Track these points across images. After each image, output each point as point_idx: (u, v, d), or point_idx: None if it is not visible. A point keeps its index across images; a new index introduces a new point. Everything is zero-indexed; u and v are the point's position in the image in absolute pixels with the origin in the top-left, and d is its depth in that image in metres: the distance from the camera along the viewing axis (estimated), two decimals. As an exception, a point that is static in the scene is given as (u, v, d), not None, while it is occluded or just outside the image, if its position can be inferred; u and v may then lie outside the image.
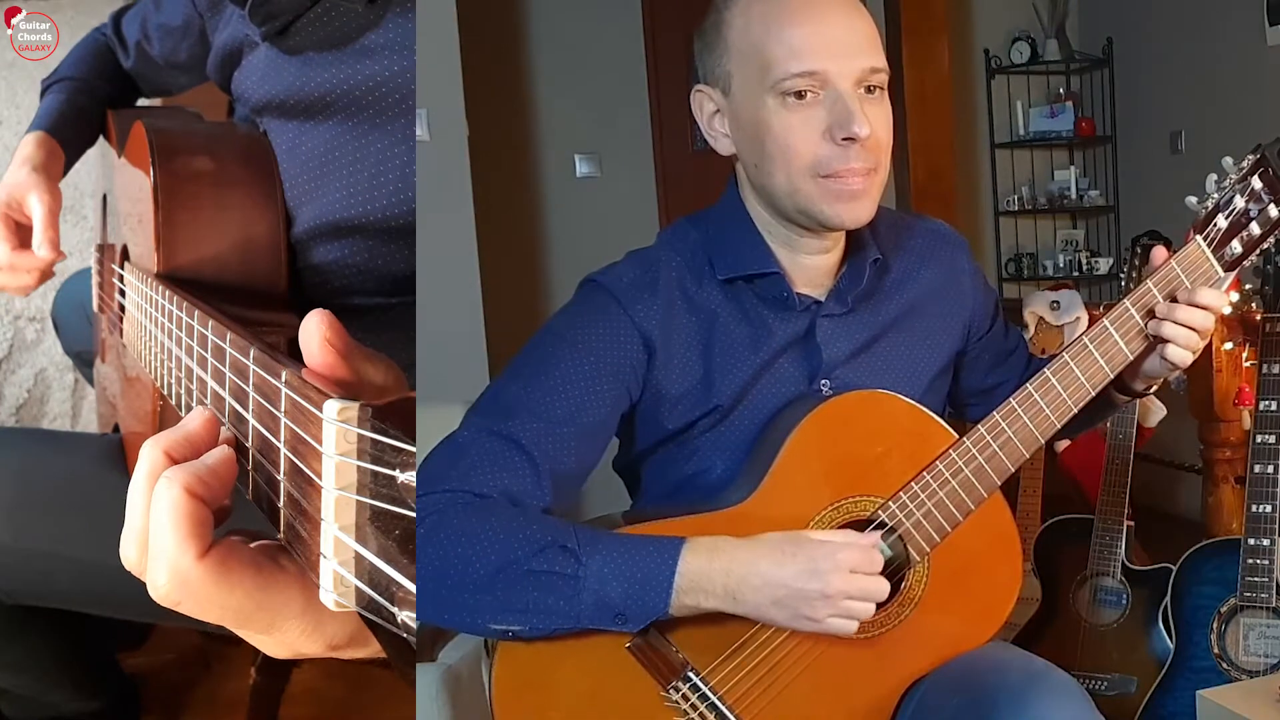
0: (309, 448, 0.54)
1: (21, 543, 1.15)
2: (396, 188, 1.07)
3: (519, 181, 3.84)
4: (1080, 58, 4.22)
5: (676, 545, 0.97)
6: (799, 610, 0.96)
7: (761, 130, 1.03)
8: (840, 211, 1.03)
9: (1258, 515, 1.61)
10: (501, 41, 3.77)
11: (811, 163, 1.02)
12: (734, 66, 1.05)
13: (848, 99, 1.00)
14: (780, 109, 1.01)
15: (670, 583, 0.96)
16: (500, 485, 1.01)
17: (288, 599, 0.58)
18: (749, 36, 1.03)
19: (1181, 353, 1.07)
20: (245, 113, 1.21)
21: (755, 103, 1.03)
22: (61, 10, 1.84)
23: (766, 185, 1.06)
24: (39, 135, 1.37)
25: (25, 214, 1.27)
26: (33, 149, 1.34)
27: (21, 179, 1.29)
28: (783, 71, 1.00)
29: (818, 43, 1.00)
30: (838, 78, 1.00)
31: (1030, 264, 4.32)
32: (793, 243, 1.09)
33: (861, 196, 1.03)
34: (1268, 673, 1.61)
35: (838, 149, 1.01)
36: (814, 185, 1.02)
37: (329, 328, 0.60)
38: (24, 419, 2.47)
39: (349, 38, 1.07)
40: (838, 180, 1.02)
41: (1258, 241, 1.07)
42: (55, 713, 1.50)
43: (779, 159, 1.03)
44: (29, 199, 1.26)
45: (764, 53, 1.01)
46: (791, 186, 1.04)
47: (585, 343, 1.06)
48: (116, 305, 1.23)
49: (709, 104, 1.09)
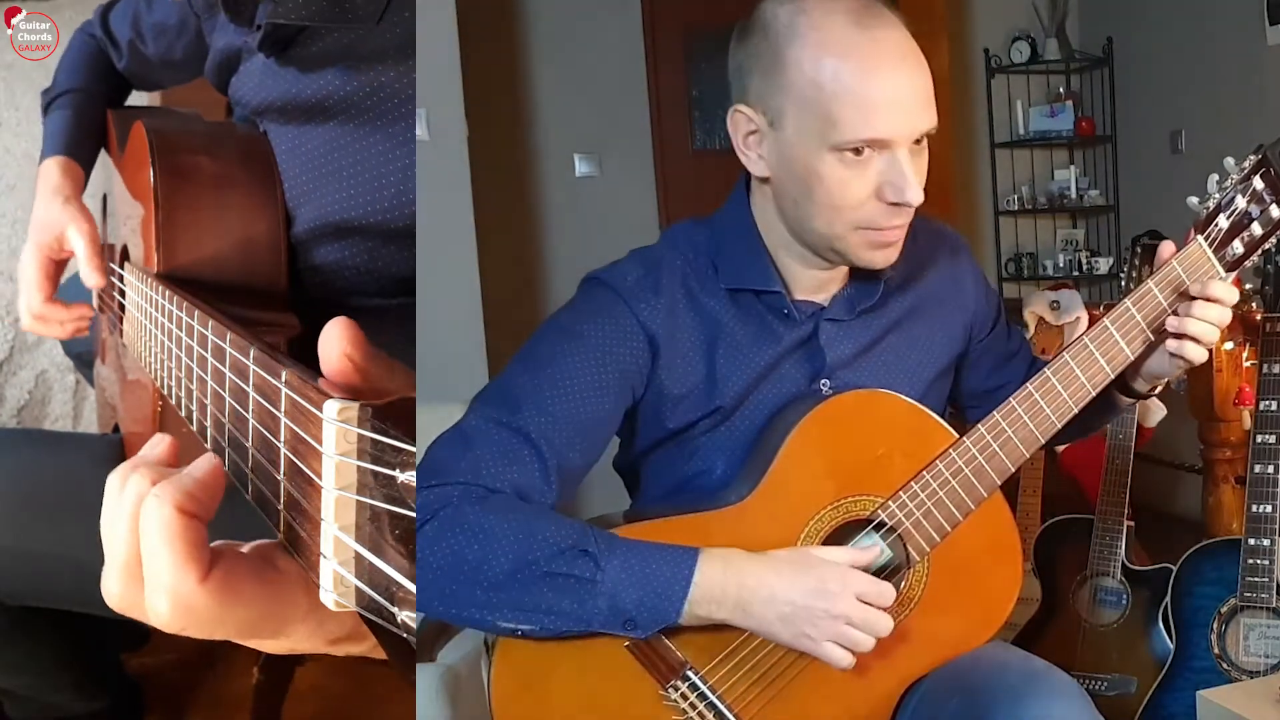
0: (309, 448, 0.54)
1: (23, 544, 1.16)
2: (397, 189, 1.07)
3: (519, 181, 3.84)
4: (1080, 57, 4.22)
5: (692, 555, 0.97)
6: (801, 628, 0.97)
7: (812, 178, 1.02)
8: (875, 258, 1.05)
9: (1258, 515, 1.61)
10: (501, 41, 3.77)
11: (857, 218, 1.02)
12: (790, 106, 1.01)
13: (904, 164, 1.00)
14: (837, 164, 1.00)
15: (685, 593, 0.96)
16: (510, 479, 1.01)
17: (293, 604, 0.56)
18: (815, 86, 0.99)
19: (1201, 351, 1.06)
20: (244, 114, 1.21)
21: (809, 150, 1.01)
22: (61, 10, 1.84)
23: (804, 224, 1.05)
24: (61, 161, 1.36)
25: (66, 249, 1.27)
26: (59, 178, 1.33)
27: (55, 215, 1.28)
28: (850, 134, 0.98)
29: (888, 109, 0.98)
30: (898, 142, 1.00)
31: (1030, 264, 4.32)
32: (807, 260, 1.10)
33: (896, 244, 1.05)
34: (1268, 673, 1.61)
35: (885, 209, 1.01)
36: (855, 235, 1.03)
37: (350, 342, 0.57)
38: (25, 420, 2.47)
39: (350, 47, 1.06)
40: (879, 234, 1.03)
41: (1259, 242, 1.07)
42: (58, 714, 1.50)
43: (825, 207, 1.02)
44: (69, 233, 1.26)
45: (830, 109, 0.98)
46: (832, 233, 1.04)
47: (591, 339, 1.06)
48: (116, 305, 1.23)
49: (748, 124, 1.05)
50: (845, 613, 0.96)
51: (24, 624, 1.29)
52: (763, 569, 0.98)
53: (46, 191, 1.31)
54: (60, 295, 1.70)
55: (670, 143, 3.93)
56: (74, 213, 1.28)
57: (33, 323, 1.31)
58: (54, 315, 1.29)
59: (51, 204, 1.29)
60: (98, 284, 1.24)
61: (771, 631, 0.99)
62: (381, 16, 1.03)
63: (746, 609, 0.97)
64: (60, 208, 1.28)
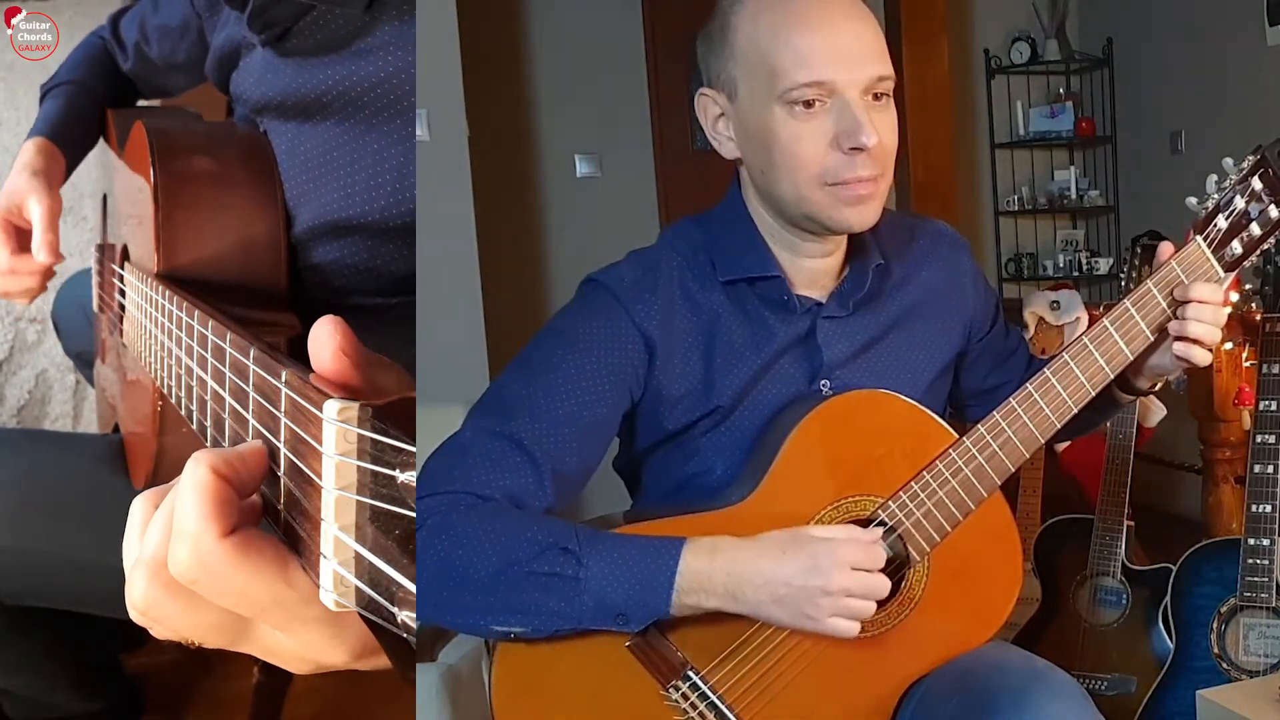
0: (309, 448, 0.54)
1: (23, 544, 1.16)
2: (396, 187, 1.07)
3: (519, 181, 3.84)
4: (1080, 58, 4.23)
5: (677, 545, 0.97)
6: (800, 608, 0.96)
7: (768, 138, 1.03)
8: (848, 216, 1.04)
9: (1258, 515, 1.61)
10: (501, 41, 3.77)
11: (819, 172, 1.02)
12: (740, 73, 1.04)
13: (855, 108, 1.00)
14: (788, 118, 1.01)
15: (671, 583, 0.96)
16: (502, 486, 1.01)
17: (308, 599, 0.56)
18: (756, 44, 1.02)
19: (1205, 353, 1.07)
20: (244, 113, 1.21)
21: (762, 111, 1.03)
22: (61, 10, 1.84)
23: (773, 191, 1.06)
24: (39, 141, 1.37)
25: (25, 219, 1.27)
26: (32, 155, 1.34)
27: (21, 184, 1.29)
28: (790, 81, 1.00)
29: (826, 52, 1.00)
30: (845, 87, 1.00)
31: (1030, 264, 4.33)
32: (795, 246, 1.10)
33: (868, 200, 1.03)
34: (1268, 673, 1.61)
35: (845, 158, 1.01)
36: (821, 193, 1.03)
37: (342, 336, 0.58)
38: (25, 420, 2.47)
39: (347, 40, 1.07)
40: (845, 188, 1.02)
41: (1258, 242, 1.07)
42: (57, 713, 1.50)
43: (786, 168, 1.03)
44: (28, 203, 1.26)
45: (771, 61, 1.01)
46: (799, 194, 1.04)
47: (587, 342, 1.06)
48: (116, 305, 1.23)
49: (713, 108, 1.08)
50: (843, 586, 0.96)
51: (24, 624, 1.29)
52: (751, 554, 0.97)
53: (17, 165, 1.33)
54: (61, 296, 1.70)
55: (670, 143, 3.94)
56: (38, 185, 1.28)
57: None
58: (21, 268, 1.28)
59: (19, 176, 1.30)
60: (47, 260, 1.24)
61: (768, 615, 0.98)
62: (370, 3, 1.03)
63: (737, 595, 0.97)
64: (26, 179, 1.29)
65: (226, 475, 0.56)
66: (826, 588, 0.95)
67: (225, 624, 0.59)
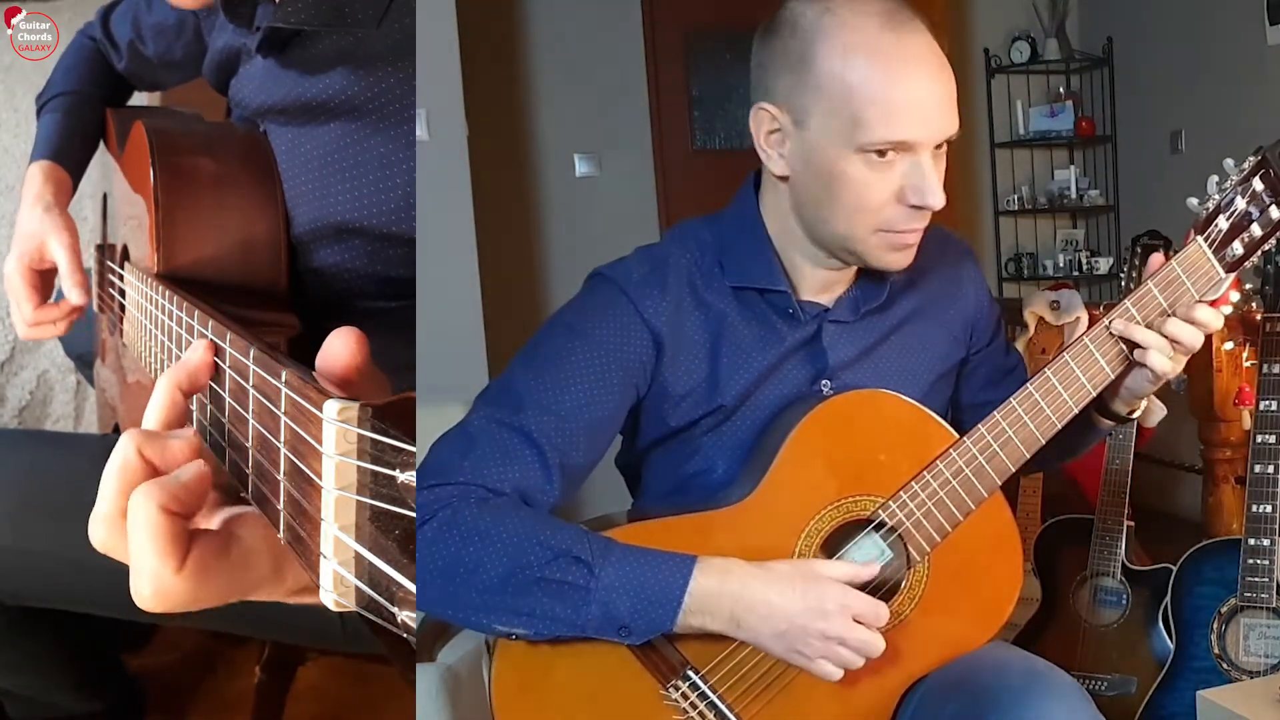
0: (309, 448, 0.54)
1: (24, 544, 1.15)
2: (398, 193, 1.07)
3: (519, 181, 3.84)
4: (1080, 57, 4.22)
5: (689, 564, 0.97)
6: (795, 645, 0.98)
7: (835, 178, 1.02)
8: (893, 260, 1.05)
9: (1258, 515, 1.61)
10: (501, 41, 3.77)
11: (878, 221, 1.02)
12: (815, 105, 1.01)
13: (926, 169, 1.00)
14: (862, 165, 1.00)
15: (679, 603, 0.97)
16: (512, 480, 1.01)
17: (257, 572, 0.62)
18: (843, 84, 0.99)
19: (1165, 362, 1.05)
20: (243, 115, 1.21)
21: (834, 151, 1.01)
22: (61, 10, 1.84)
23: (822, 223, 1.05)
24: (45, 166, 1.35)
25: (47, 259, 1.27)
26: (41, 185, 1.32)
27: (36, 225, 1.28)
28: (875, 136, 0.99)
29: (912, 110, 0.99)
30: (923, 147, 1.00)
31: (1030, 264, 4.32)
32: (818, 260, 1.10)
33: (914, 247, 1.05)
34: (1268, 673, 1.61)
35: (906, 211, 1.02)
36: (874, 238, 1.03)
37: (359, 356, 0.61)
38: (26, 421, 2.47)
39: (351, 49, 1.06)
40: (898, 236, 1.03)
41: (1259, 243, 1.07)
42: (58, 713, 1.50)
43: (846, 209, 1.02)
44: (49, 244, 1.26)
45: (856, 108, 0.99)
46: (850, 234, 1.04)
47: (595, 336, 1.06)
48: (117, 306, 1.23)
49: (771, 122, 1.05)
50: (840, 635, 0.97)
51: (24, 624, 1.29)
52: (760, 584, 0.98)
53: (28, 198, 1.31)
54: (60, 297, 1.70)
55: (670, 143, 3.93)
56: (54, 222, 1.27)
57: (29, 331, 1.31)
58: (48, 318, 1.29)
59: (32, 213, 1.29)
60: (79, 300, 1.24)
61: (764, 645, 0.99)
62: (382, 20, 1.03)
63: (740, 622, 0.98)
64: (40, 217, 1.28)
65: (174, 510, 0.59)
66: (826, 632, 0.97)
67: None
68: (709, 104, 3.94)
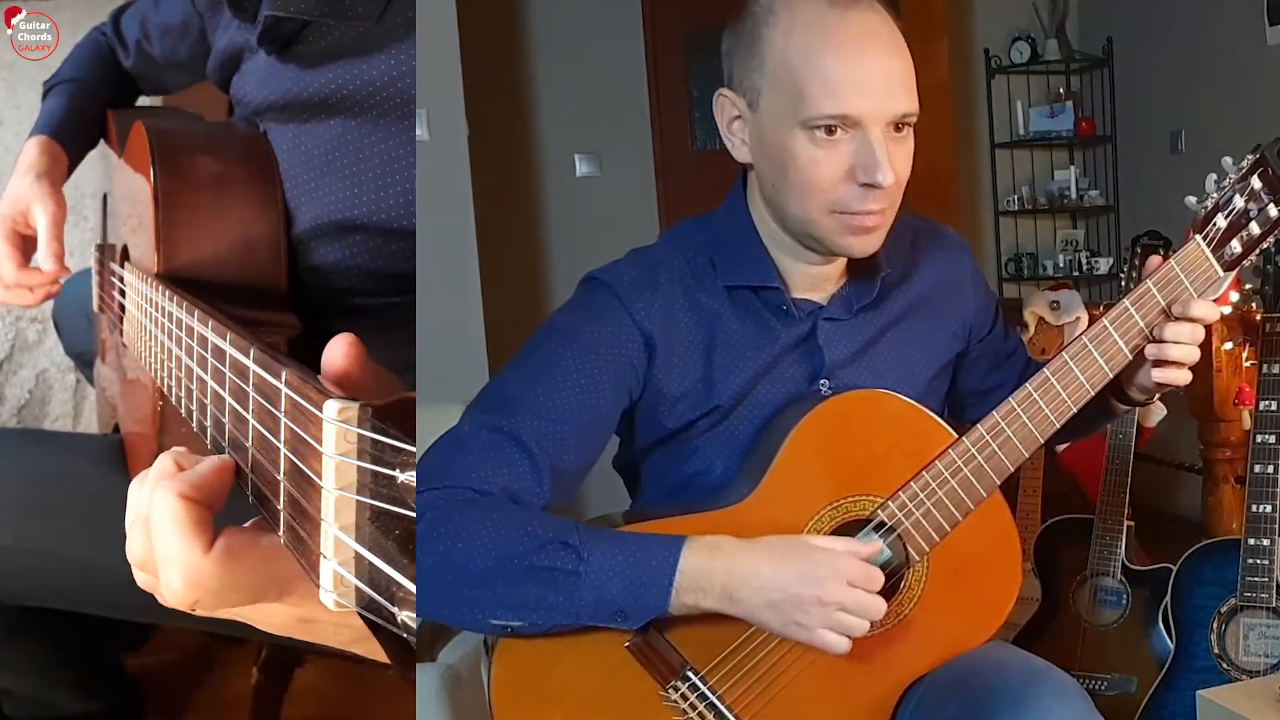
0: (309, 448, 0.54)
1: (23, 544, 1.15)
2: (398, 190, 1.07)
3: (519, 181, 3.84)
4: (1080, 58, 4.22)
5: (677, 543, 0.98)
6: (792, 615, 0.97)
7: (785, 157, 1.02)
8: (850, 243, 1.04)
9: (1258, 515, 1.61)
10: (501, 41, 3.77)
11: (830, 200, 1.02)
12: (765, 85, 1.03)
13: (875, 145, 0.99)
14: (807, 143, 1.01)
15: (671, 580, 0.96)
16: (501, 482, 1.01)
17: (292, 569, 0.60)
18: (786, 62, 1.01)
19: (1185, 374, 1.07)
20: (244, 114, 1.21)
21: (782, 129, 1.02)
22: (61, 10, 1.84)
23: (781, 206, 1.06)
24: (42, 140, 1.36)
25: (30, 224, 1.27)
26: (36, 155, 1.33)
27: (25, 189, 1.28)
28: (816, 110, 0.99)
29: (855, 84, 0.99)
30: (870, 121, 0.99)
31: (1030, 264, 4.32)
32: (797, 253, 1.10)
33: (874, 231, 1.04)
34: (1268, 673, 1.61)
35: (858, 190, 1.01)
36: (829, 219, 1.03)
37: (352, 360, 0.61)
38: (25, 420, 2.47)
39: (351, 45, 1.07)
40: (853, 217, 1.02)
41: (1257, 241, 1.07)
42: (58, 713, 1.50)
43: (798, 188, 1.03)
44: (34, 209, 1.26)
45: (799, 84, 1.00)
46: (806, 215, 1.04)
47: (587, 340, 1.06)
48: (117, 305, 1.23)
49: (731, 109, 1.07)
50: (837, 599, 0.96)
51: (24, 624, 1.29)
52: (751, 556, 0.97)
53: (21, 167, 1.32)
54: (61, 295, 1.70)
55: (670, 143, 3.93)
56: (42, 190, 1.27)
57: (6, 294, 1.30)
58: (26, 282, 1.28)
59: (23, 179, 1.29)
60: (50, 267, 1.24)
61: (760, 619, 0.98)
62: (382, 15, 1.03)
63: (734, 596, 0.97)
64: (31, 183, 1.28)
65: (195, 498, 0.60)
66: (822, 598, 0.96)
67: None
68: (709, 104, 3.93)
